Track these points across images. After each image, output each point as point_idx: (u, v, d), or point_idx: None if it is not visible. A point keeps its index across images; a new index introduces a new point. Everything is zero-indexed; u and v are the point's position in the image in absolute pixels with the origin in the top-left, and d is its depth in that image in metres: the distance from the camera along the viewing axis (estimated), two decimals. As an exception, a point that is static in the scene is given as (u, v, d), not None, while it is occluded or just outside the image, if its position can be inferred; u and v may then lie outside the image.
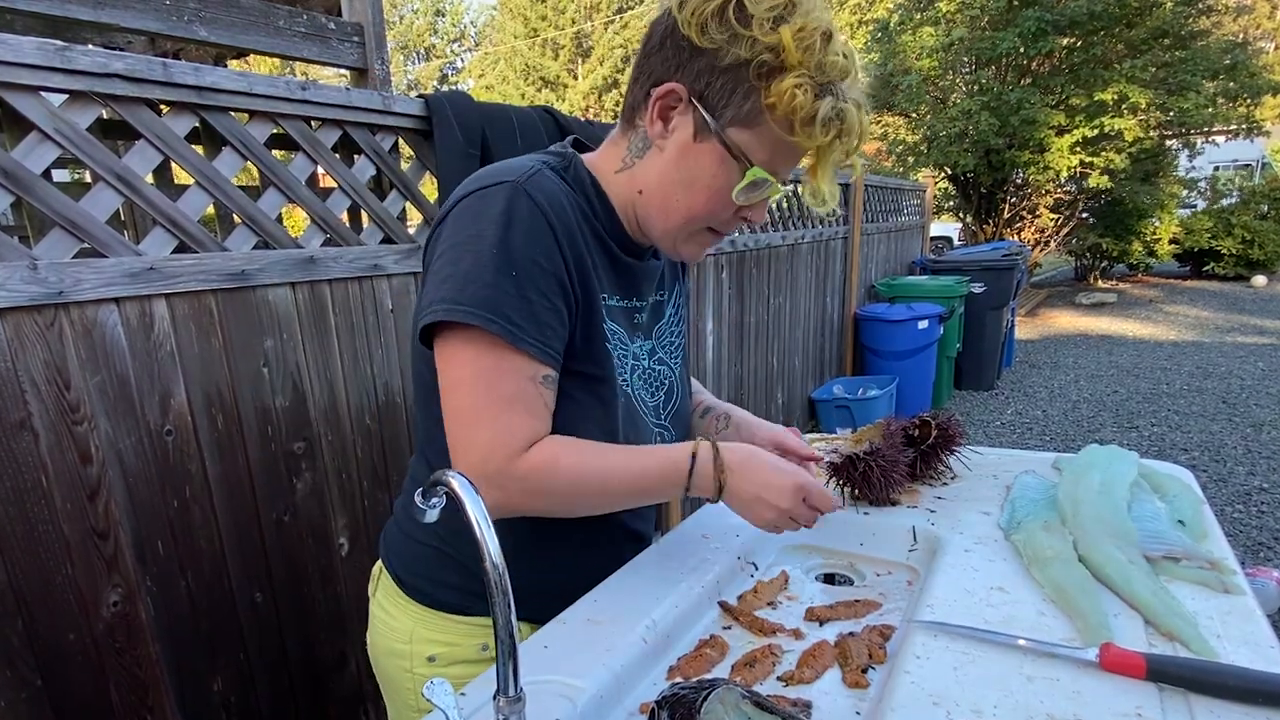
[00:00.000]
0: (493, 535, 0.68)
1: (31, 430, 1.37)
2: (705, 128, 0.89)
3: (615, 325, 1.04)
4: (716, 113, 0.88)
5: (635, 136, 0.95)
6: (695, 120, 0.89)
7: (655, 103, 0.90)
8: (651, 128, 0.92)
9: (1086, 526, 1.11)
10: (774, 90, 0.84)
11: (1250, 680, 0.77)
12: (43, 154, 1.39)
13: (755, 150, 0.90)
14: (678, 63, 0.88)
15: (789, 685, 0.94)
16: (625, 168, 0.97)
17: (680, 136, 0.91)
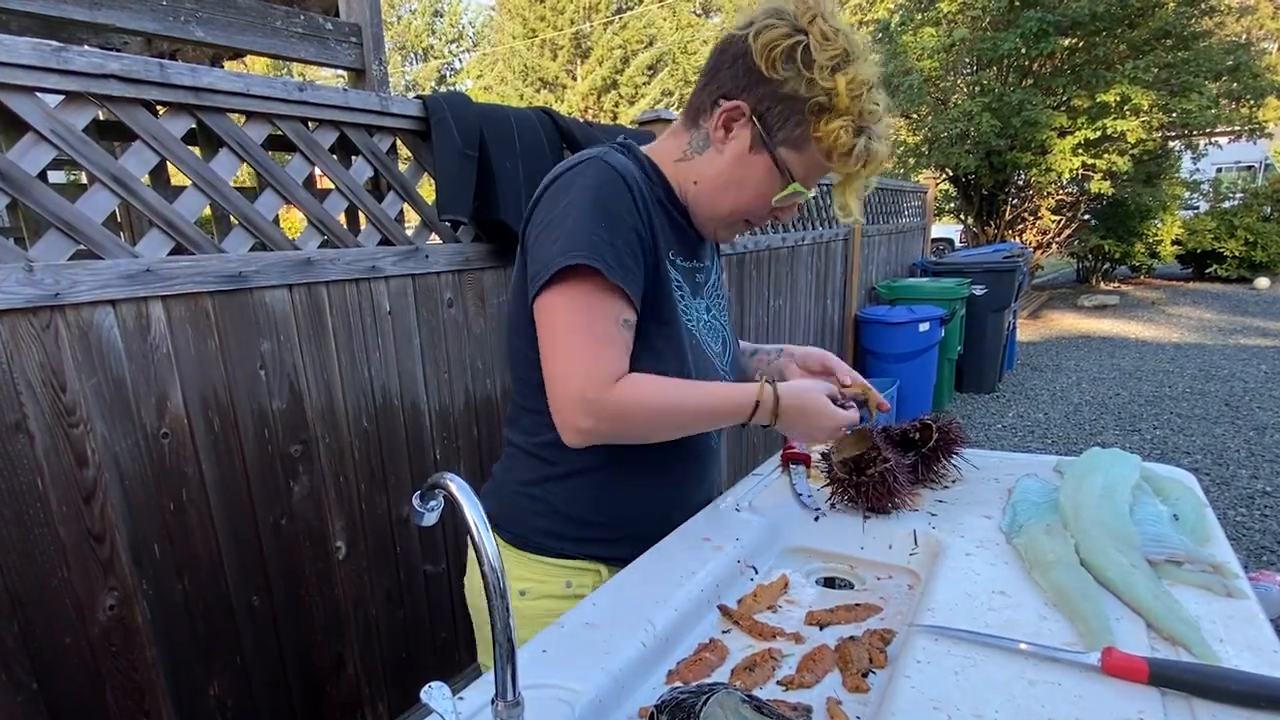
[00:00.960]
0: (491, 538, 0.68)
1: (27, 433, 1.37)
2: (760, 142, 1.06)
3: (681, 281, 1.20)
4: (772, 132, 1.05)
5: (697, 135, 1.11)
6: (753, 134, 1.06)
7: (722, 114, 1.06)
8: (715, 132, 1.08)
9: (1088, 530, 1.10)
10: (823, 127, 1.03)
11: (1253, 684, 0.77)
12: (38, 155, 1.38)
13: (797, 167, 1.08)
14: (746, 83, 1.04)
15: (789, 690, 0.94)
16: (684, 159, 1.13)
17: (738, 145, 1.07)
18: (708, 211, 1.15)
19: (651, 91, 28.98)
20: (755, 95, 1.04)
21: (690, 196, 1.15)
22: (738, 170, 1.09)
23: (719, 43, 1.09)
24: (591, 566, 1.22)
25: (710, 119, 1.08)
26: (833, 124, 1.03)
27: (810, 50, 1.01)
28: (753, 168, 1.08)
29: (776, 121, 1.05)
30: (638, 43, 29.43)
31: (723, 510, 1.39)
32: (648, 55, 29.27)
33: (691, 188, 1.14)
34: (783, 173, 1.08)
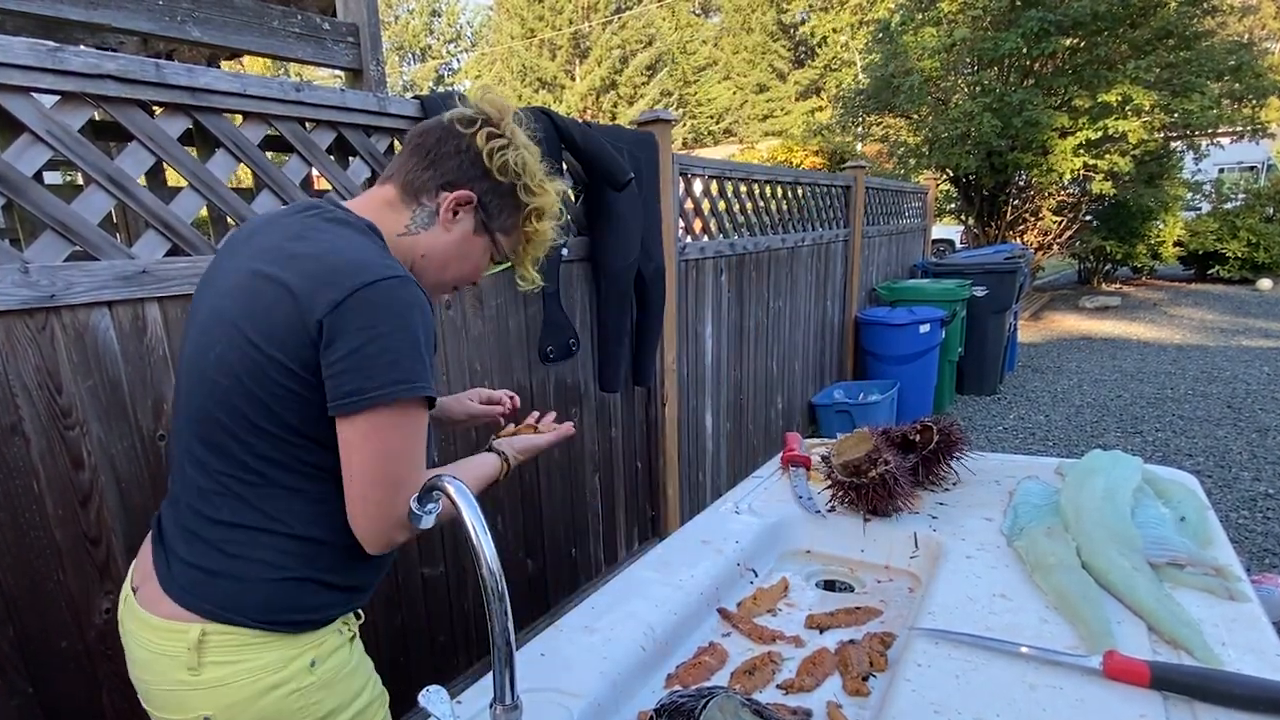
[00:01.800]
0: (489, 541, 0.68)
1: (23, 435, 1.37)
2: (482, 227, 1.21)
3: None
4: (491, 220, 1.21)
5: (420, 212, 1.18)
6: (476, 220, 1.20)
7: (452, 200, 1.17)
8: (444, 214, 1.18)
9: (1090, 532, 1.10)
10: (535, 225, 1.25)
11: (1255, 688, 0.76)
12: (34, 156, 1.38)
13: (506, 247, 1.26)
14: (471, 175, 1.17)
15: (789, 693, 0.94)
16: (409, 234, 1.18)
17: (464, 227, 1.20)
18: (433, 280, 1.23)
19: (650, 92, 29.01)
20: (480, 188, 1.18)
21: (418, 268, 1.21)
22: (462, 247, 1.21)
23: (433, 130, 1.19)
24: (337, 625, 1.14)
25: (436, 200, 1.17)
26: (543, 223, 1.26)
27: (527, 163, 1.20)
28: (474, 246, 1.22)
29: (495, 211, 1.21)
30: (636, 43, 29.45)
31: (722, 513, 1.39)
32: (646, 55, 29.30)
33: (419, 260, 1.21)
34: (498, 251, 1.26)
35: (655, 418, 3.30)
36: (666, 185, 3.04)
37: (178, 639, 1.04)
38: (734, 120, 32.65)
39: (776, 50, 32.68)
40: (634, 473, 3.24)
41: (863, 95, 12.88)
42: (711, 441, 3.86)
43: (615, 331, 2.80)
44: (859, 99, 13.05)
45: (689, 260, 3.42)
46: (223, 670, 1.04)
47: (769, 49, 32.69)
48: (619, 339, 2.83)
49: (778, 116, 31.46)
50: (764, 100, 32.47)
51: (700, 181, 3.52)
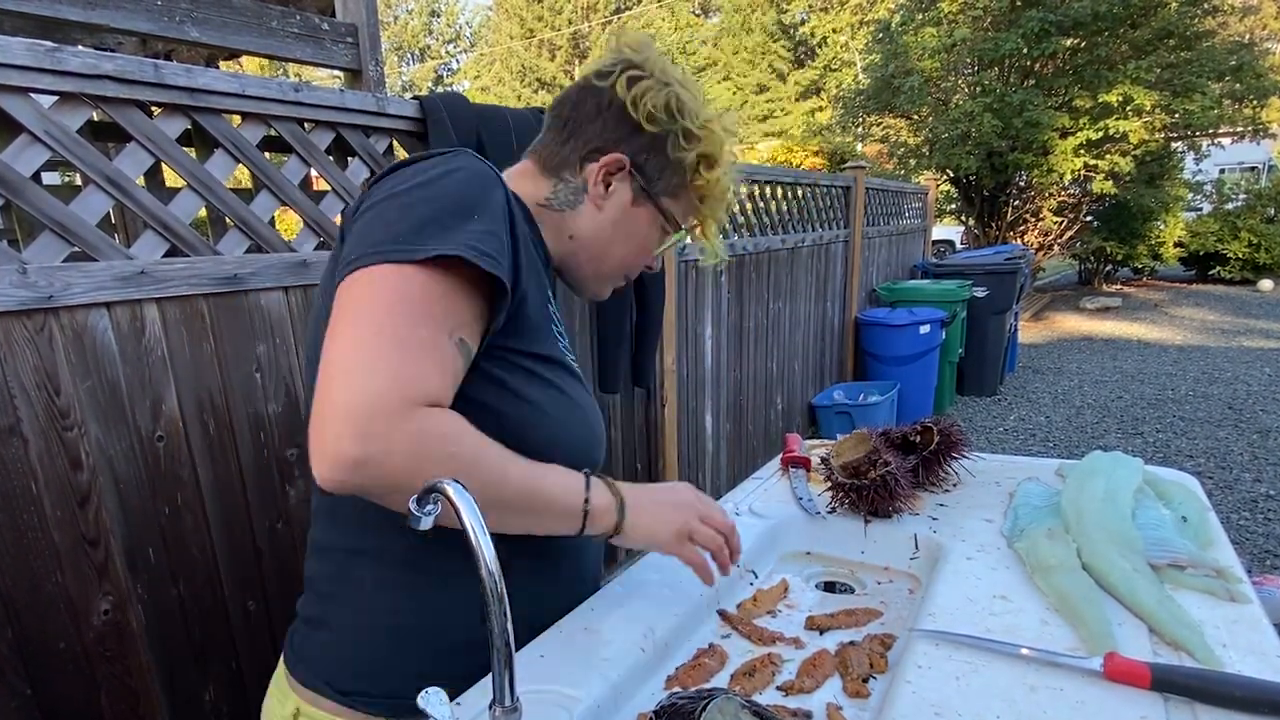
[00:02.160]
0: (489, 542, 0.67)
1: (21, 436, 1.36)
2: (642, 195, 1.02)
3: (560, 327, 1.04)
4: (652, 184, 1.01)
5: (563, 188, 1.01)
6: (633, 187, 1.01)
7: (600, 169, 0.99)
8: (594, 188, 1.00)
9: (1090, 534, 1.09)
10: (706, 175, 1.02)
11: (1257, 690, 0.76)
12: (32, 156, 1.38)
13: (678, 214, 1.06)
14: (619, 135, 0.98)
15: (789, 695, 0.93)
16: (550, 208, 1.02)
17: (620, 199, 1.01)
18: (591, 269, 1.06)
19: (651, 93, 29.02)
20: (632, 147, 0.99)
21: (566, 253, 1.04)
22: (622, 224, 1.02)
23: (569, 95, 1.02)
24: None
25: (581, 174, 0.99)
26: (715, 172, 1.02)
27: (683, 100, 0.99)
28: (637, 220, 1.03)
29: (655, 172, 1.01)
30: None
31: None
32: (646, 55, 29.33)
33: (568, 243, 1.03)
34: (668, 221, 1.05)
35: (655, 419, 3.30)
36: (666, 186, 3.03)
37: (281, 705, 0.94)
38: (734, 121, 32.71)
39: (776, 51, 32.65)
40: (634, 474, 3.23)
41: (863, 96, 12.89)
42: (711, 443, 3.86)
43: (614, 333, 2.79)
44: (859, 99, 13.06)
45: (688, 261, 3.41)
46: None
47: (769, 49, 32.66)
48: (618, 340, 2.82)
49: (778, 117, 31.43)
50: (764, 101, 32.43)
51: (700, 182, 3.51)
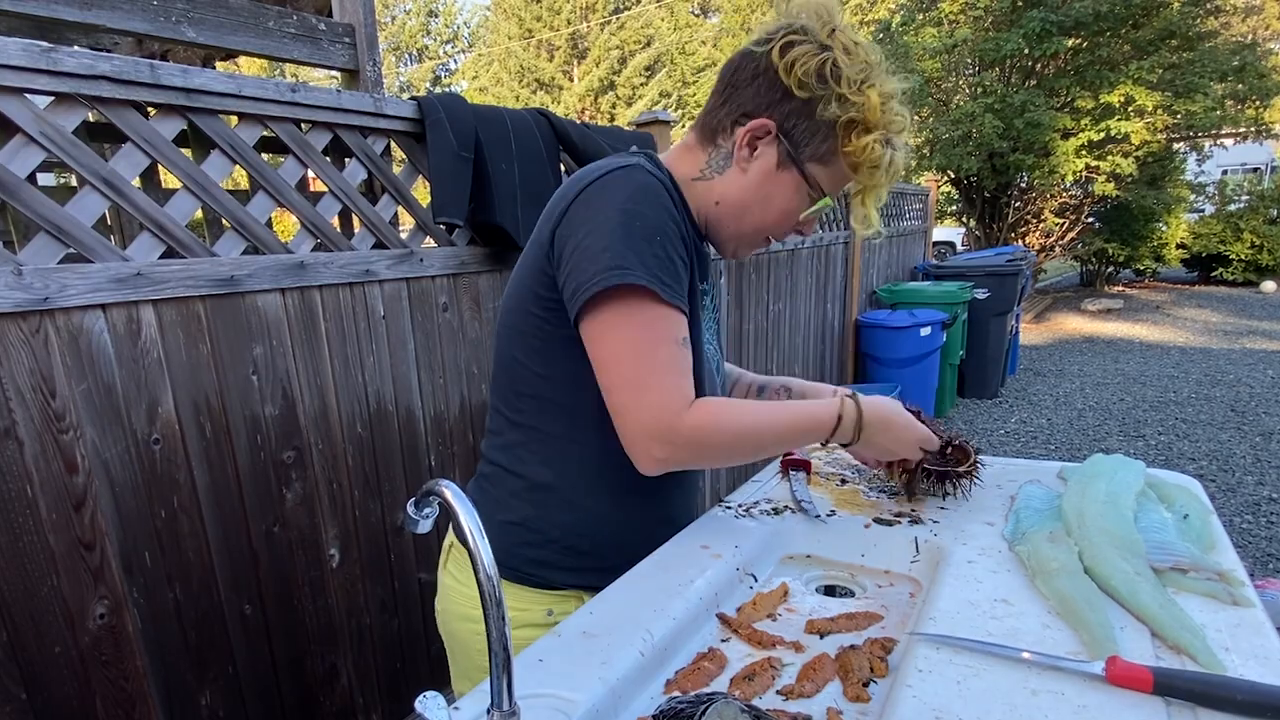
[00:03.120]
0: (487, 547, 0.68)
1: (16, 439, 1.36)
2: (788, 160, 1.05)
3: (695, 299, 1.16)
4: (799, 149, 1.04)
5: (717, 154, 1.08)
6: (779, 152, 1.05)
7: (746, 132, 1.04)
8: (739, 151, 1.06)
9: (1092, 537, 1.09)
10: (854, 141, 1.03)
11: (1260, 694, 0.76)
12: (28, 157, 1.37)
13: (825, 181, 1.08)
14: (769, 100, 1.03)
15: (789, 699, 0.93)
16: (703, 178, 1.10)
17: (764, 163, 1.06)
18: (731, 230, 1.13)
19: (649, 93, 29.00)
20: (781, 112, 1.03)
21: (711, 217, 1.12)
22: (764, 188, 1.07)
23: (733, 60, 1.08)
24: (575, 594, 1.18)
25: (731, 138, 1.06)
26: (865, 139, 1.02)
27: (838, 65, 1.00)
28: (779, 184, 1.07)
29: (803, 138, 1.04)
30: (635, 43, 29.44)
31: (721, 517, 1.38)
32: (645, 56, 29.28)
33: (713, 209, 1.11)
34: (813, 188, 1.08)
35: (655, 421, 3.29)
36: (666, 187, 3.02)
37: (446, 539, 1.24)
38: (734, 122, 32.66)
39: (777, 52, 32.60)
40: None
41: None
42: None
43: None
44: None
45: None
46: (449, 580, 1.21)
47: (770, 50, 32.61)
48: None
49: (778, 118, 31.41)
50: (764, 102, 32.40)
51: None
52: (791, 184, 1.07)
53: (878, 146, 1.03)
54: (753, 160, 1.06)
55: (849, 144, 1.03)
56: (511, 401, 1.16)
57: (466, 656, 1.23)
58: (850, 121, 1.02)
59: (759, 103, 1.04)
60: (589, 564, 1.17)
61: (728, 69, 1.08)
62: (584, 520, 1.15)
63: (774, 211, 1.10)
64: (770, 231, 1.14)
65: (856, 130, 1.03)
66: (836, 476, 1.56)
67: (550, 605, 1.16)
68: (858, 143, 1.03)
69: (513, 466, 1.16)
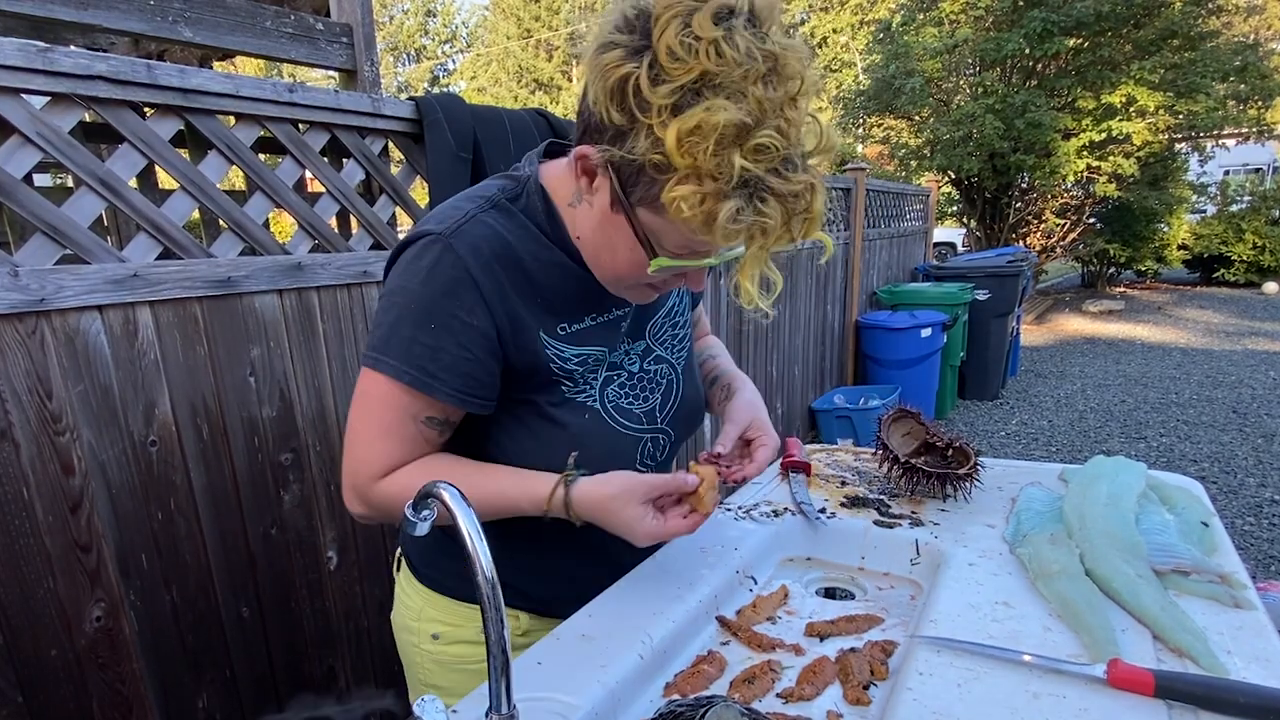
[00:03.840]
0: (485, 548, 0.67)
1: (12, 441, 1.35)
2: (618, 201, 0.84)
3: (582, 349, 1.04)
4: (627, 189, 0.82)
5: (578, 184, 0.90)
6: (610, 189, 0.84)
7: (577, 160, 0.86)
8: (579, 180, 0.88)
9: (1093, 539, 1.08)
10: (665, 192, 0.77)
11: (1261, 697, 0.76)
12: (24, 158, 1.37)
13: (667, 235, 0.84)
14: (594, 122, 0.82)
15: (789, 702, 0.93)
16: (572, 205, 0.94)
17: (601, 200, 0.87)
18: (598, 273, 0.96)
19: (649, 93, 29.00)
20: (605, 137, 0.81)
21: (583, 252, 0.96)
22: (606, 231, 0.88)
23: None
24: (510, 612, 1.14)
25: None
26: (678, 189, 0.75)
27: (640, 85, 0.74)
28: (619, 229, 0.86)
29: (627, 178, 0.81)
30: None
31: (721, 520, 1.37)
32: (644, 56, 29.29)
33: (577, 241, 0.95)
34: (642, 241, 0.85)
35: (655, 422, 3.28)
36: (666, 188, 3.02)
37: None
38: (733, 122, 32.60)
39: (777, 52, 32.56)
40: (634, 477, 3.22)
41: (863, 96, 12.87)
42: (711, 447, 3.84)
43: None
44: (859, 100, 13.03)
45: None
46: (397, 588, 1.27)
47: (770, 51, 32.57)
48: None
49: (778, 119, 31.36)
50: (765, 103, 32.36)
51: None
52: (629, 231, 0.85)
53: (687, 200, 0.75)
54: (594, 194, 0.87)
55: (664, 192, 0.77)
56: None
57: (410, 669, 1.25)
58: (654, 162, 0.77)
59: (584, 123, 0.85)
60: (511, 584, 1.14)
61: None
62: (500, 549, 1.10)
63: (621, 260, 0.89)
64: (630, 282, 0.94)
65: (668, 175, 0.77)
66: (837, 478, 1.56)
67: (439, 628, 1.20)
68: (667, 193, 0.76)
69: None
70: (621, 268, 0.91)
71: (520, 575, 1.13)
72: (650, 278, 0.90)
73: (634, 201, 0.82)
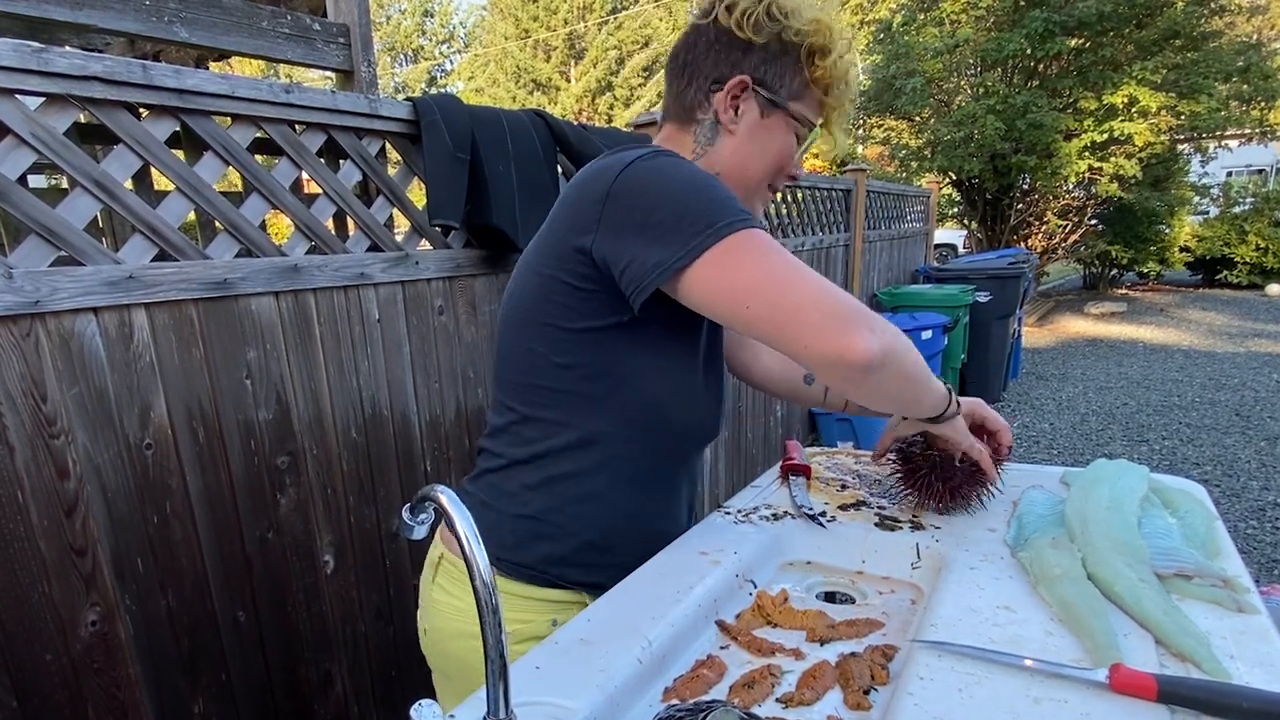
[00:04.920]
0: (483, 551, 0.67)
1: (6, 444, 1.35)
2: (770, 105, 1.10)
3: None
4: (777, 92, 1.09)
5: (701, 129, 1.12)
6: (760, 102, 1.09)
7: (727, 94, 1.08)
8: (724, 115, 1.10)
9: (1095, 543, 1.08)
10: (820, 64, 1.08)
11: (1265, 702, 0.75)
12: (18, 159, 1.36)
13: (807, 111, 1.13)
14: (734, 59, 1.08)
15: (789, 707, 0.92)
16: (698, 156, 1.12)
17: (750, 118, 1.10)
18: (740, 193, 1.12)
19: (647, 93, 28.99)
20: (749, 65, 1.08)
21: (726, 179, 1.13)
22: (757, 139, 1.11)
23: (681, 43, 1.13)
24: (578, 598, 1.17)
25: (711, 107, 1.10)
26: (828, 59, 1.08)
27: (783, 4, 1.07)
28: (770, 131, 1.11)
29: (776, 81, 1.09)
30: (633, 43, 29.43)
31: (721, 523, 1.37)
32: (643, 56, 29.25)
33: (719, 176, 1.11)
34: (800, 122, 1.13)
35: (655, 424, 3.27)
36: (666, 189, 3.01)
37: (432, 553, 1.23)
38: (732, 122, 32.52)
39: (777, 53, 32.51)
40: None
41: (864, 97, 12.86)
42: (709, 450, 3.84)
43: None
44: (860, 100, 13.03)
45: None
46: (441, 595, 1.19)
47: (770, 51, 32.52)
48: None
49: (778, 120, 31.31)
50: (764, 103, 32.31)
51: (700, 186, 3.49)
52: (780, 126, 1.12)
53: (841, 61, 1.10)
54: (739, 119, 1.10)
55: (817, 69, 1.09)
56: (524, 394, 1.14)
57: (466, 678, 1.18)
58: (811, 48, 1.08)
59: (724, 65, 1.08)
60: (604, 560, 1.17)
61: (679, 51, 1.13)
62: (604, 512, 1.15)
63: (772, 156, 1.13)
64: (772, 179, 1.17)
65: (819, 54, 1.09)
66: (837, 482, 1.55)
67: (555, 615, 1.15)
68: (824, 64, 1.09)
69: (527, 459, 1.14)
70: (771, 163, 1.14)
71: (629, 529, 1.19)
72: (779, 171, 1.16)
73: (785, 98, 1.10)
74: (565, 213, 1.06)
